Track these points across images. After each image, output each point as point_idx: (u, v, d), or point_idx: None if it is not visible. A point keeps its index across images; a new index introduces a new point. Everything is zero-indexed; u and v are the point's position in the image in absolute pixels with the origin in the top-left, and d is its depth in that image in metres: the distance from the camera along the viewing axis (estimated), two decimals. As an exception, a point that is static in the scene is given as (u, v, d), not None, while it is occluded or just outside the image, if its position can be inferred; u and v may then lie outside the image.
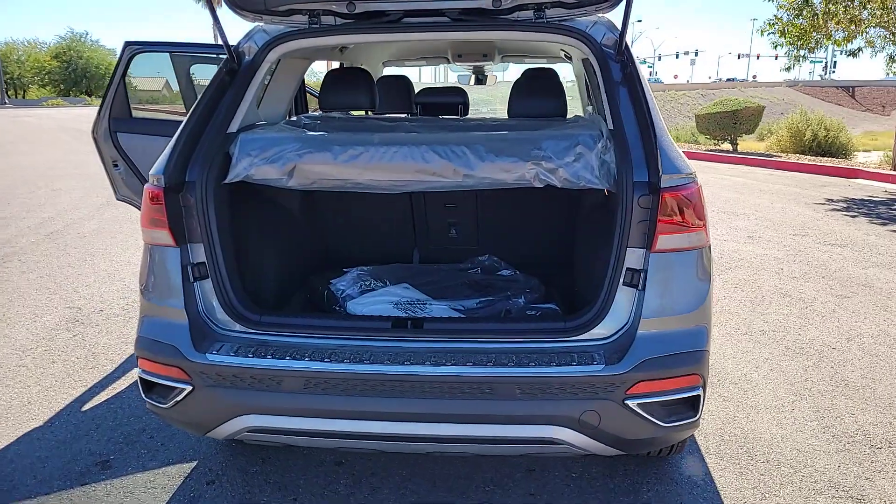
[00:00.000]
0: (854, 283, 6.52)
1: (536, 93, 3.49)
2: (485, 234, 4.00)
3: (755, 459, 3.48)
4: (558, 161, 2.64)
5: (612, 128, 2.71)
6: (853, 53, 16.19)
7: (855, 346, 4.97)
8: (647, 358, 2.42)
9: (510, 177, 2.68)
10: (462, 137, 2.74)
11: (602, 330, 2.57)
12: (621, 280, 2.55)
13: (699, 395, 2.51)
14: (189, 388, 2.57)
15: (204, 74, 5.71)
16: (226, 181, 2.79)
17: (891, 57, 15.76)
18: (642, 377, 2.41)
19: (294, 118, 3.50)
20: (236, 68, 2.97)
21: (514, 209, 3.90)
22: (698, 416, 2.53)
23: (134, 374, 4.42)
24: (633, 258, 2.54)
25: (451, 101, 4.15)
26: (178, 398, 2.61)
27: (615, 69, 2.80)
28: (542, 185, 2.68)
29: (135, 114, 5.04)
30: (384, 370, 2.47)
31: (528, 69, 3.63)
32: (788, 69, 17.92)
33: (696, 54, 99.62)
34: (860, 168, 15.18)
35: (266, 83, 3.41)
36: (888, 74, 15.86)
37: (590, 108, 3.29)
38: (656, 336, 2.49)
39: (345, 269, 3.76)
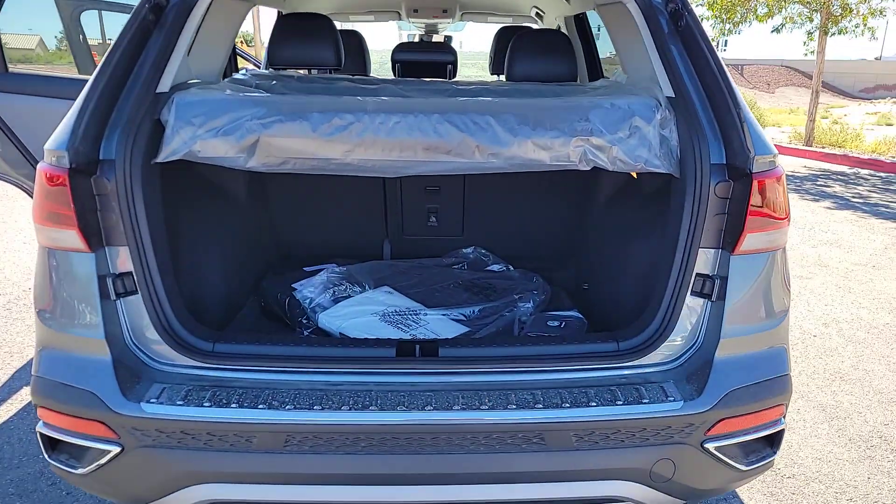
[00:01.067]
0: (810, 264, 6.56)
1: (543, 52, 2.89)
2: (472, 221, 3.39)
3: (781, 475, 3.14)
4: (610, 136, 2.06)
5: (671, 95, 2.15)
6: (777, 30, 16.56)
7: (834, 332, 4.94)
8: (733, 389, 1.93)
9: (548, 156, 2.08)
10: (485, 105, 2.10)
11: (664, 352, 2.04)
12: (689, 288, 2.03)
13: (783, 430, 2.05)
14: (117, 448, 1.88)
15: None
16: (158, 160, 2.05)
17: (809, 34, 16.17)
18: (727, 414, 1.92)
19: (241, 75, 2.74)
20: (164, 2, 2.19)
21: (510, 192, 3.31)
22: (777, 453, 2.07)
23: (24, 396, 3.57)
24: (704, 261, 2.02)
25: (437, 59, 3.47)
26: (101, 462, 1.90)
27: (663, 21, 2.23)
28: (588, 168, 2.10)
29: (11, 69, 4.02)
30: (396, 419, 1.85)
31: (528, 27, 3.01)
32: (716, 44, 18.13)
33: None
34: (776, 144, 15.56)
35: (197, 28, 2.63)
36: (806, 55, 16.29)
37: (616, 71, 2.71)
38: (740, 361, 1.99)
39: (305, 269, 3.07)
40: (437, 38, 6.14)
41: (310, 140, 2.07)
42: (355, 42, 3.95)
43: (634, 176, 2.72)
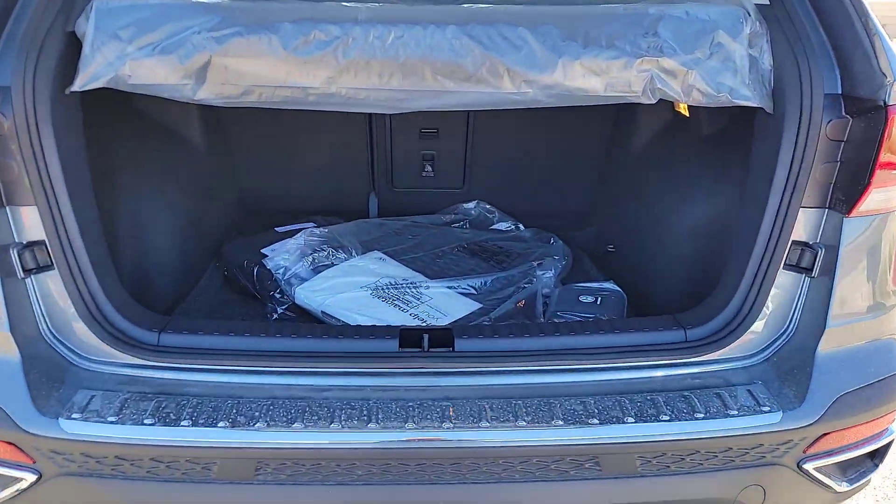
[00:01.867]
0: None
1: None
2: (476, 171, 2.88)
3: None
4: (684, 56, 1.56)
5: (763, 1, 1.64)
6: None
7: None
8: (844, 393, 1.50)
9: (602, 84, 1.56)
10: (518, 13, 1.57)
11: (745, 342, 1.60)
12: (783, 261, 1.57)
13: (893, 441, 1.64)
14: (32, 476, 1.47)
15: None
16: (74, 88, 1.52)
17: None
18: (837, 426, 1.49)
19: None
20: None
21: (523, 134, 2.79)
22: (879, 466, 1.67)
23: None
24: (804, 225, 1.56)
25: None
26: (14, 492, 1.48)
27: None
28: (653, 100, 1.60)
29: None
30: (403, 439, 1.40)
31: None
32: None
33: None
34: None
35: None
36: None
37: None
38: (849, 355, 1.57)
39: (276, 229, 2.55)
40: None
41: (280, 62, 1.53)
42: None
43: (684, 112, 2.22)
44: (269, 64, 1.53)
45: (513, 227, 2.86)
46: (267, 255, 2.27)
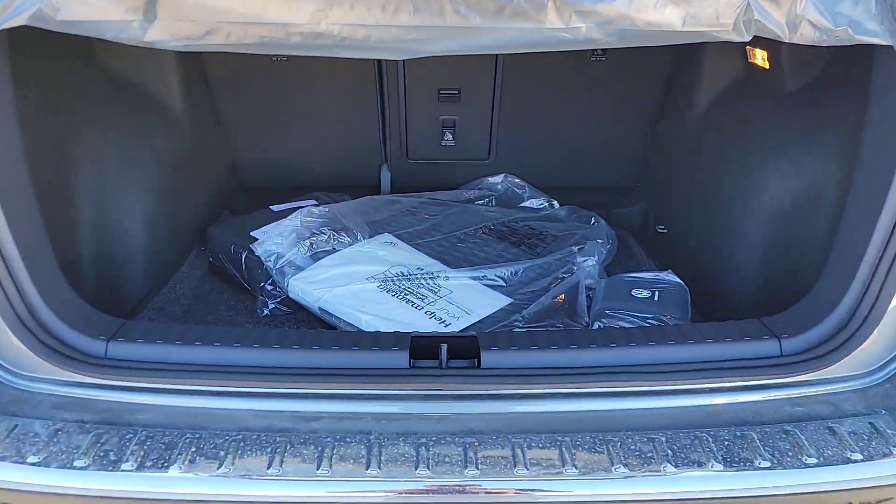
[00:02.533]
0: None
1: None
2: (504, 139, 2.50)
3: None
4: None
5: None
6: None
7: None
8: None
9: (680, 16, 1.18)
10: None
11: (859, 358, 1.24)
12: None
13: None
14: None
15: None
16: None
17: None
18: None
19: None
20: None
21: (558, 94, 2.41)
22: None
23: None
24: None
25: None
26: None
27: None
28: (747, 37, 1.21)
29: None
30: (415, 490, 1.05)
31: None
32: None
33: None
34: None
35: None
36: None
37: None
38: None
39: (271, 207, 2.21)
40: None
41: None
42: None
43: (762, 64, 1.83)
44: (239, -8, 1.17)
45: (546, 204, 2.50)
46: (257, 240, 1.92)
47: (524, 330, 1.61)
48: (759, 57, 1.87)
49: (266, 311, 1.83)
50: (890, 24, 1.19)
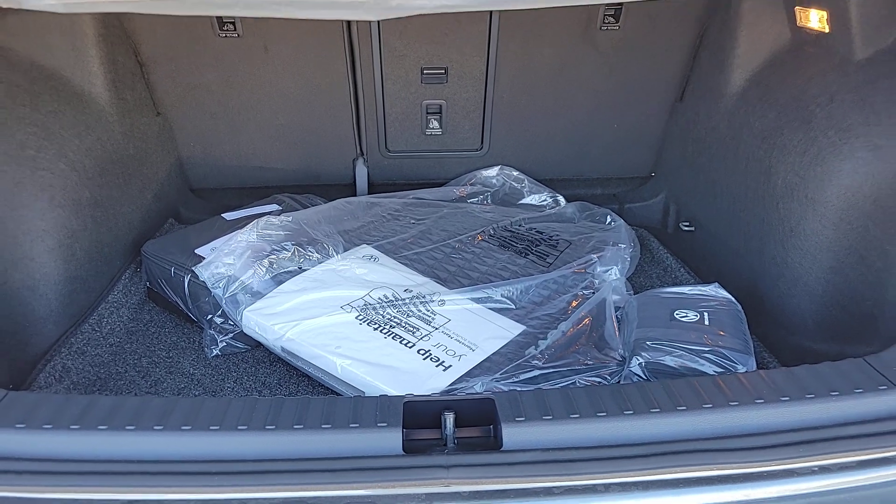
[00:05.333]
0: None
1: None
2: (499, 125, 2.17)
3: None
4: None
5: None
6: None
7: None
8: None
9: None
10: None
11: None
12: None
13: None
14: None
15: None
16: None
17: None
18: None
19: None
20: None
21: (561, 72, 2.08)
22: None
23: None
24: None
25: None
26: None
27: None
28: None
29: None
30: None
31: None
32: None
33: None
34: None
35: None
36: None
37: None
38: None
39: (224, 216, 1.87)
40: None
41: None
42: None
43: (822, 27, 1.52)
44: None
45: (549, 200, 2.19)
46: (203, 258, 1.58)
47: (551, 382, 1.28)
48: (816, 18, 1.55)
49: (216, 351, 1.50)
50: None
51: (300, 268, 1.58)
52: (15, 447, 0.89)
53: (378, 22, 1.90)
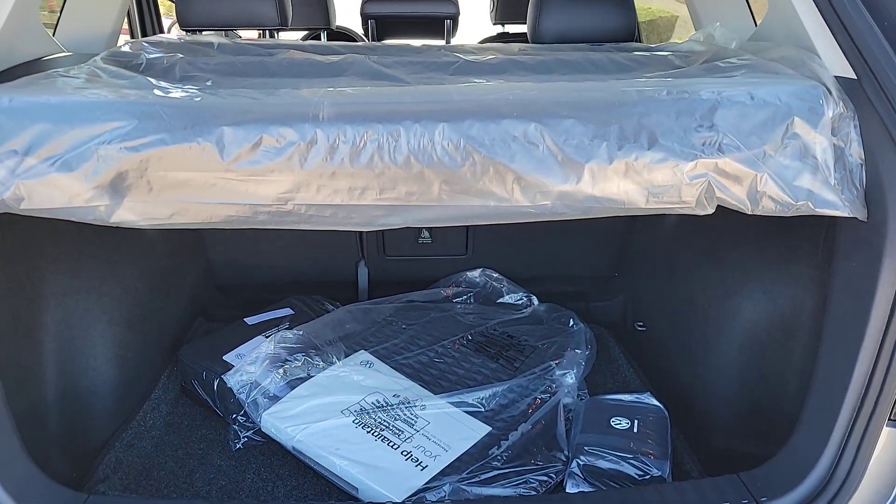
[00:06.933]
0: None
1: None
2: (481, 234, 2.55)
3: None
4: (751, 154, 1.22)
5: (846, 74, 1.30)
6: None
7: None
8: None
9: (643, 194, 1.23)
10: (527, 100, 1.24)
11: None
12: (888, 416, 1.25)
13: None
14: None
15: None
16: None
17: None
18: None
19: (128, 46, 1.82)
20: None
21: None
22: None
23: None
24: None
25: (429, 12, 2.52)
26: None
27: None
28: (710, 211, 1.27)
29: None
30: None
31: None
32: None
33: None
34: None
35: None
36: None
37: (710, 30, 1.84)
38: None
39: (246, 320, 2.23)
40: None
41: (218, 176, 1.20)
42: None
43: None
44: (203, 179, 1.21)
45: (525, 298, 2.54)
46: (230, 365, 1.94)
47: (509, 480, 1.62)
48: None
49: (239, 445, 1.85)
50: (850, 192, 1.25)
51: (309, 374, 1.94)
52: None
53: None
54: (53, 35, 1.92)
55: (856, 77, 1.28)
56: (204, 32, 2.11)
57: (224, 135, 1.19)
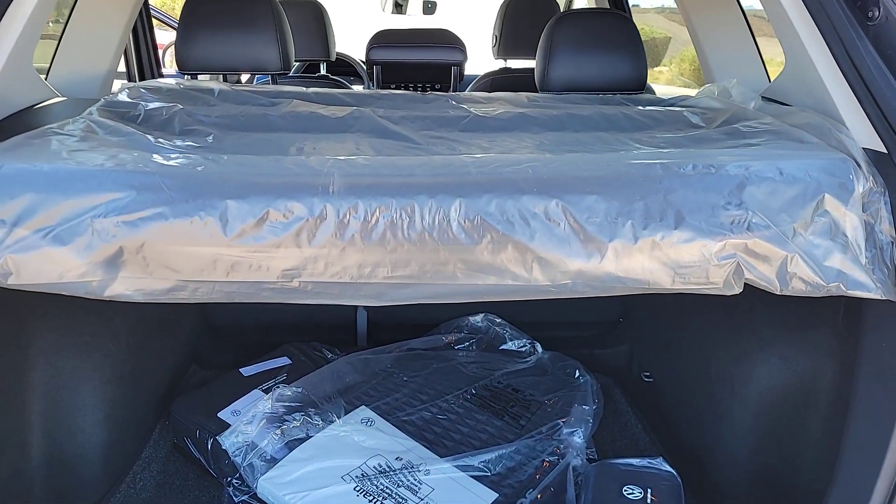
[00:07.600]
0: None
1: (604, 45, 1.96)
2: None
3: None
4: (780, 232, 1.17)
5: (875, 147, 1.26)
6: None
7: None
8: None
9: (668, 276, 1.18)
10: (548, 177, 1.18)
11: None
12: None
13: None
14: None
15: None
16: None
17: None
18: None
19: (125, 93, 1.76)
20: None
21: None
22: None
23: None
24: None
25: (437, 59, 2.48)
26: None
27: (838, 8, 1.32)
28: (738, 291, 1.21)
29: None
30: None
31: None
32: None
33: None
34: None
35: None
36: None
37: (726, 85, 1.80)
38: None
39: (241, 370, 2.16)
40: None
41: (220, 252, 1.14)
42: (311, 17, 2.95)
43: None
44: (204, 255, 1.14)
45: (528, 345, 2.47)
46: (226, 424, 1.86)
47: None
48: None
49: (234, 510, 1.77)
50: (882, 272, 1.20)
51: (308, 434, 1.86)
52: None
53: None
54: (46, 78, 1.86)
55: (886, 151, 1.24)
56: (200, 77, 2.05)
57: (228, 209, 1.12)
